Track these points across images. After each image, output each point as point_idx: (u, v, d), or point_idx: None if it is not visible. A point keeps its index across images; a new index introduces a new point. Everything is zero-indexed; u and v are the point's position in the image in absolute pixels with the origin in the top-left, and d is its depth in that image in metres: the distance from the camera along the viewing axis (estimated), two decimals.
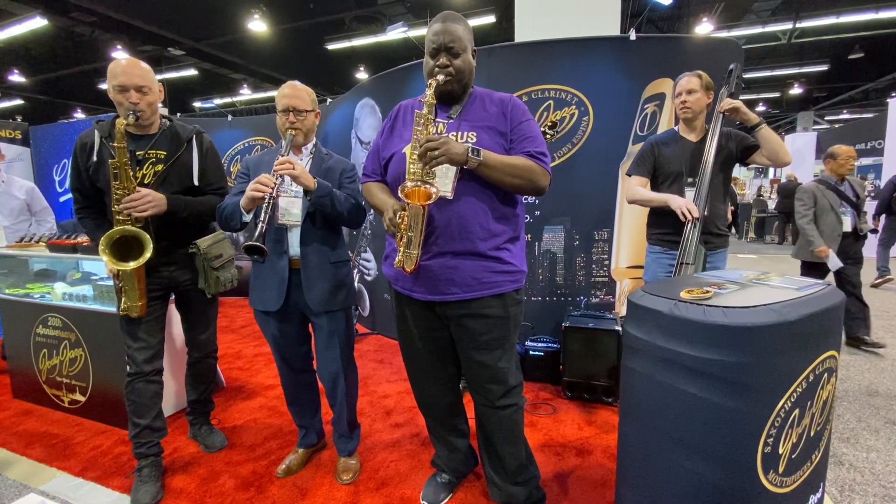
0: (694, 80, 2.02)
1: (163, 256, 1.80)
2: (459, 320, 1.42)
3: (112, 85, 1.66)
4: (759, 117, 1.91)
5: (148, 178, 1.74)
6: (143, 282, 1.72)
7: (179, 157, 1.80)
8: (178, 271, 1.88)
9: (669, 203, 1.96)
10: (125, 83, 1.65)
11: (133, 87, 1.66)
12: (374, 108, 3.69)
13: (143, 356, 1.78)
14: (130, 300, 1.71)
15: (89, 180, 1.75)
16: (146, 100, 1.69)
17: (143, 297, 1.73)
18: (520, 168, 1.33)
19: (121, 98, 1.66)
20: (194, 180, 1.83)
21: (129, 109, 1.64)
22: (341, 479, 1.83)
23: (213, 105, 16.21)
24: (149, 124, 1.76)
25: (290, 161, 1.54)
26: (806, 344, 1.07)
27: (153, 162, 1.75)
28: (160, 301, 1.86)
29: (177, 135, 1.82)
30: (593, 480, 1.83)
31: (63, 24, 8.86)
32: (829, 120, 18.46)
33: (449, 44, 1.35)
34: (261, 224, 1.45)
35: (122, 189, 1.62)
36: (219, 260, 1.91)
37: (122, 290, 1.70)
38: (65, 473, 1.94)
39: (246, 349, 3.54)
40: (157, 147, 1.77)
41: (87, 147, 1.73)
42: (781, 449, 1.07)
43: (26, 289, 2.70)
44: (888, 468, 1.93)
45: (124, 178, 1.62)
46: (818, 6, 8.60)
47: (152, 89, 1.72)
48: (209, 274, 1.89)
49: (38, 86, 12.44)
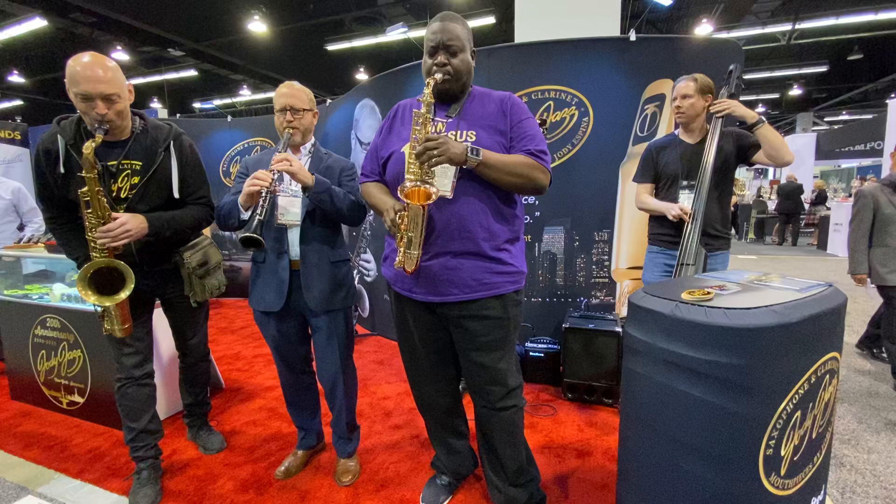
0: (690, 84, 2.01)
1: (146, 273, 1.72)
2: (459, 321, 1.41)
3: (73, 92, 1.43)
4: (758, 115, 1.90)
5: (125, 192, 1.58)
6: (126, 307, 1.60)
7: (157, 167, 1.63)
8: (162, 282, 1.81)
9: (666, 212, 2.02)
10: (89, 91, 1.42)
11: (99, 97, 1.44)
12: (374, 109, 3.69)
13: (131, 361, 1.73)
14: (113, 324, 1.61)
15: (59, 191, 1.57)
16: (115, 108, 1.48)
17: (128, 320, 1.63)
18: (520, 167, 1.32)
19: (84, 108, 1.45)
20: (174, 192, 1.68)
21: (96, 121, 1.45)
22: (341, 481, 1.83)
23: (212, 106, 16.22)
24: (120, 130, 1.57)
25: (287, 157, 1.53)
26: (808, 346, 1.07)
27: (128, 174, 1.58)
28: (145, 307, 1.78)
29: (152, 140, 1.64)
30: (594, 482, 1.82)
31: (63, 24, 8.87)
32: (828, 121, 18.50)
33: (447, 42, 1.35)
34: (258, 217, 1.43)
35: (95, 217, 1.46)
36: (203, 268, 1.85)
37: (103, 315, 1.61)
38: (63, 475, 1.93)
39: (245, 350, 3.53)
40: (131, 156, 1.59)
41: (52, 155, 1.53)
42: (783, 451, 1.06)
43: (25, 290, 2.69)
44: (889, 469, 1.93)
45: (97, 206, 1.45)
46: (818, 7, 8.62)
47: (121, 95, 1.50)
48: (195, 283, 1.84)
49: (37, 86, 12.46)
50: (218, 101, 15.86)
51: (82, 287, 1.47)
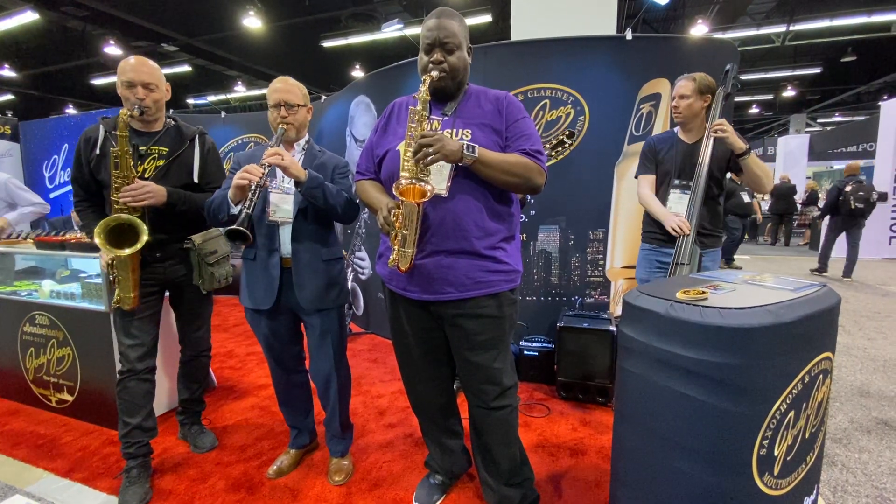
0: (688, 84, 2.00)
1: (158, 250, 1.80)
2: (454, 320, 1.40)
3: (121, 80, 1.70)
4: (747, 144, 1.90)
5: (149, 173, 1.76)
6: (136, 272, 1.71)
7: (181, 154, 1.82)
8: (173, 266, 1.87)
9: (664, 222, 2.00)
10: (133, 79, 1.69)
11: (140, 83, 1.70)
12: (370, 106, 3.67)
13: (136, 353, 1.76)
14: (123, 291, 1.70)
15: (90, 173, 1.76)
16: (152, 96, 1.73)
17: (136, 288, 1.72)
18: (516, 166, 1.31)
19: (128, 93, 1.70)
20: (194, 177, 1.84)
21: (135, 104, 1.68)
22: (333, 480, 1.81)
23: (206, 102, 16.09)
24: (153, 121, 1.79)
25: (279, 151, 1.52)
26: (802, 345, 1.07)
27: (155, 157, 1.77)
28: (155, 297, 1.84)
29: (180, 133, 1.85)
30: (587, 481, 1.82)
31: (54, 18, 8.74)
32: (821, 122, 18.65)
33: (444, 39, 1.33)
34: (245, 210, 1.43)
35: (121, 178, 1.64)
36: (213, 256, 1.91)
37: (115, 280, 1.70)
38: (51, 474, 1.91)
39: (238, 348, 3.51)
40: (159, 143, 1.79)
41: (92, 141, 1.75)
42: (777, 451, 1.06)
43: (13, 286, 2.65)
44: (880, 468, 1.94)
45: (125, 167, 1.64)
46: (812, 9, 8.67)
47: (159, 87, 1.76)
48: (204, 270, 1.89)
49: (28, 81, 12.30)
50: (212, 97, 15.73)
51: (101, 236, 1.58)
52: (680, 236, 1.92)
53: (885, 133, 7.83)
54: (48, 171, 6.13)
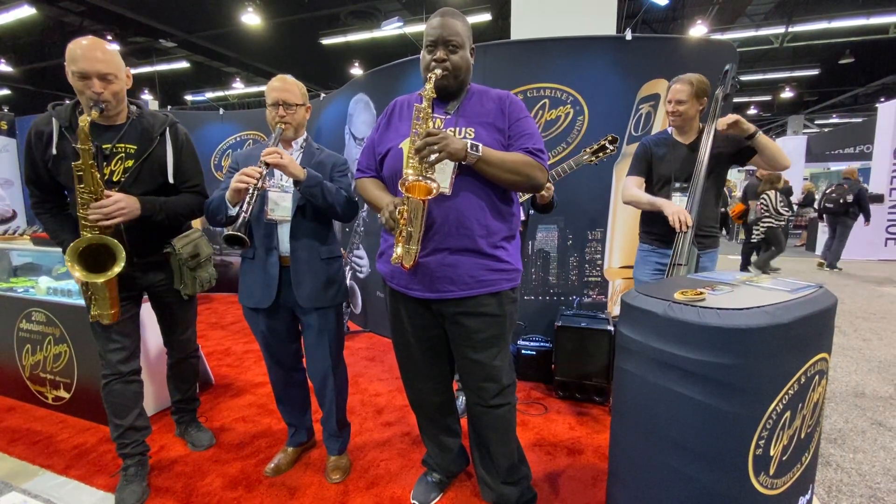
0: (685, 88, 1.97)
1: (134, 257, 1.67)
2: (455, 318, 1.40)
3: (71, 70, 1.47)
4: (753, 126, 1.89)
5: (117, 175, 1.57)
6: (115, 289, 1.59)
7: (152, 152, 1.64)
8: (152, 273, 1.77)
9: (663, 209, 1.94)
10: (86, 69, 1.45)
11: (95, 75, 1.46)
12: (369, 104, 3.66)
13: (118, 357, 1.69)
14: (101, 308, 1.58)
15: (48, 174, 1.57)
16: (111, 89, 1.50)
17: (116, 304, 1.60)
18: (518, 164, 1.32)
19: (81, 86, 1.47)
20: (169, 177, 1.69)
21: (92, 100, 1.47)
22: (331, 479, 1.82)
23: (204, 98, 16.03)
24: (116, 114, 1.58)
25: (278, 150, 1.50)
26: (798, 346, 1.07)
27: (122, 157, 1.58)
28: (133, 301, 1.75)
29: (148, 126, 1.65)
30: (584, 480, 1.83)
31: (51, 13, 8.70)
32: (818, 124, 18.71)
33: (447, 38, 1.34)
34: (243, 214, 1.40)
35: (88, 193, 1.45)
36: (195, 259, 1.82)
37: (91, 298, 1.58)
38: (48, 472, 1.90)
39: (235, 346, 3.50)
40: (125, 140, 1.60)
41: (45, 137, 1.54)
42: (773, 451, 1.07)
43: (10, 283, 2.64)
44: (875, 469, 1.95)
45: (90, 181, 1.45)
46: (811, 11, 8.69)
47: (118, 76, 1.53)
48: (185, 274, 1.81)
49: (25, 76, 12.21)
50: (210, 94, 15.67)
51: (72, 263, 1.44)
52: (679, 231, 1.90)
53: (882, 135, 7.86)
54: None
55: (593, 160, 2.13)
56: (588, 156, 2.13)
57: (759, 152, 1.89)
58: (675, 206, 1.93)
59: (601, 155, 2.12)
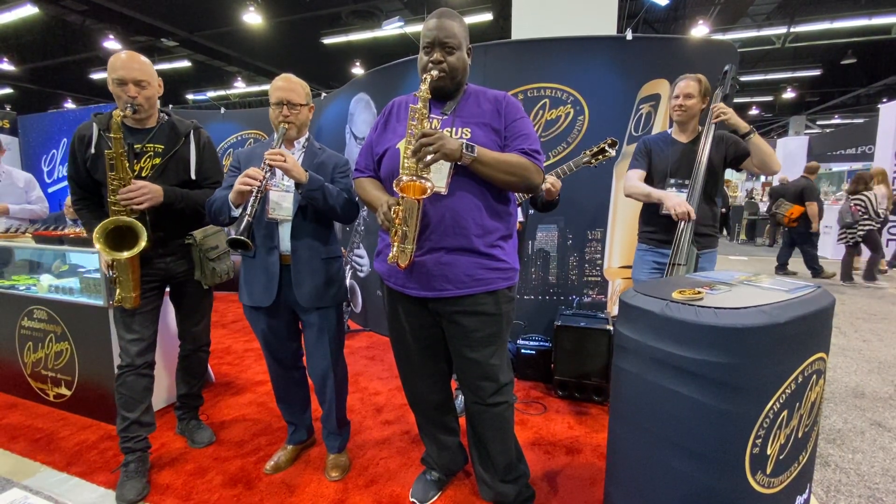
0: (694, 84, 2.01)
1: (159, 247, 1.80)
2: (452, 317, 1.41)
3: (111, 78, 1.67)
4: (750, 125, 1.92)
5: (146, 171, 1.74)
6: (137, 272, 1.71)
7: (177, 151, 1.80)
8: (174, 262, 1.87)
9: (664, 201, 1.94)
10: (124, 77, 1.65)
11: (131, 81, 1.66)
12: (369, 103, 3.67)
13: (136, 348, 1.76)
14: (124, 291, 1.70)
15: (87, 172, 1.75)
16: (144, 94, 1.70)
17: (138, 287, 1.72)
18: (514, 165, 1.32)
19: (119, 91, 1.67)
20: (191, 174, 1.84)
21: (127, 103, 1.65)
22: (330, 477, 1.82)
23: (206, 97, 16.05)
24: (147, 117, 1.76)
25: (282, 153, 1.51)
26: (796, 346, 1.08)
27: (151, 155, 1.75)
28: (155, 293, 1.85)
29: (175, 129, 1.83)
30: (582, 479, 1.83)
31: (54, 12, 8.72)
32: (820, 124, 18.67)
33: (443, 39, 1.34)
34: (247, 218, 1.44)
35: (118, 180, 1.62)
36: (215, 251, 1.92)
37: (115, 280, 1.70)
38: (49, 468, 1.91)
39: (236, 344, 3.51)
40: (154, 140, 1.77)
41: (86, 139, 1.73)
42: (770, 450, 1.08)
43: (12, 280, 2.65)
44: (873, 469, 1.96)
45: (121, 168, 1.62)
46: (812, 11, 8.68)
47: (151, 83, 1.73)
48: (205, 265, 1.91)
49: (27, 74, 12.24)
50: (211, 93, 15.69)
51: (100, 240, 1.58)
52: (678, 226, 1.90)
53: (883, 136, 7.85)
54: (47, 165, 6.13)
55: (592, 162, 2.14)
56: (587, 158, 2.14)
57: (753, 154, 1.92)
58: (676, 198, 1.92)
59: (601, 158, 2.13)
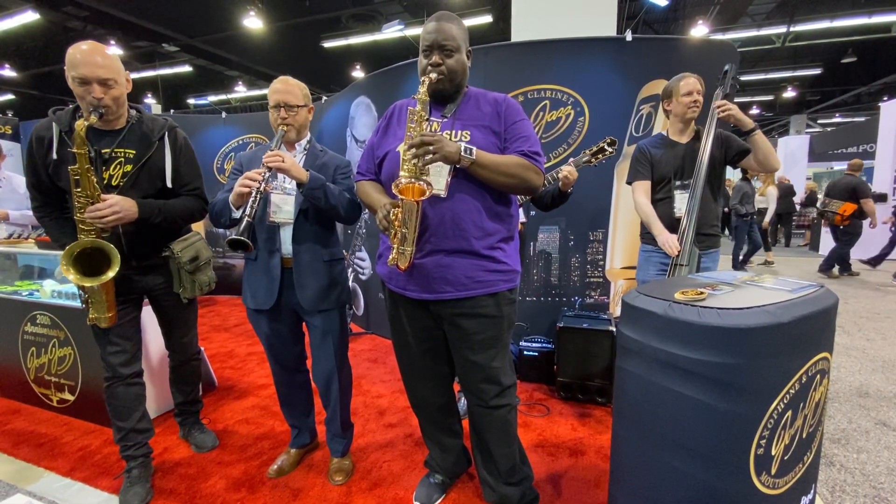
0: (699, 83, 2.04)
1: (134, 263, 1.68)
2: (453, 319, 1.41)
3: (71, 76, 1.47)
4: (754, 122, 1.92)
5: (116, 180, 1.57)
6: (111, 293, 1.58)
7: (150, 157, 1.64)
8: (151, 277, 1.77)
9: (657, 237, 2.01)
10: (86, 75, 1.45)
11: (95, 81, 1.46)
12: (370, 107, 3.68)
13: (119, 360, 1.69)
14: (98, 312, 1.57)
15: (49, 179, 1.57)
16: (111, 94, 1.50)
17: (113, 308, 1.60)
18: (513, 167, 1.32)
19: (81, 91, 1.47)
20: (167, 182, 1.69)
21: (92, 104, 1.47)
22: (334, 480, 1.82)
23: (207, 102, 16.09)
24: (115, 119, 1.58)
25: (280, 154, 1.51)
26: (799, 345, 1.07)
27: (121, 161, 1.58)
28: (132, 304, 1.75)
29: (147, 131, 1.65)
30: (586, 481, 1.83)
31: (55, 18, 8.75)
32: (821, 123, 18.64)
33: (442, 42, 1.35)
34: (246, 218, 1.42)
35: (85, 197, 1.45)
36: (194, 263, 1.81)
37: (87, 301, 1.57)
38: (52, 473, 1.91)
39: (238, 348, 3.51)
40: (125, 145, 1.60)
41: (45, 142, 1.54)
42: (774, 450, 1.07)
43: (15, 286, 2.66)
44: (878, 469, 1.95)
45: (87, 185, 1.44)
46: (812, 10, 8.67)
47: (118, 81, 1.52)
48: (184, 278, 1.81)
49: (29, 81, 12.30)
50: (212, 98, 15.73)
51: (66, 266, 1.43)
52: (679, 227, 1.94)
53: (884, 134, 7.83)
54: None
55: (593, 161, 2.14)
56: (588, 157, 2.14)
57: (754, 151, 1.93)
58: (666, 235, 1.98)
59: (600, 156, 2.13)
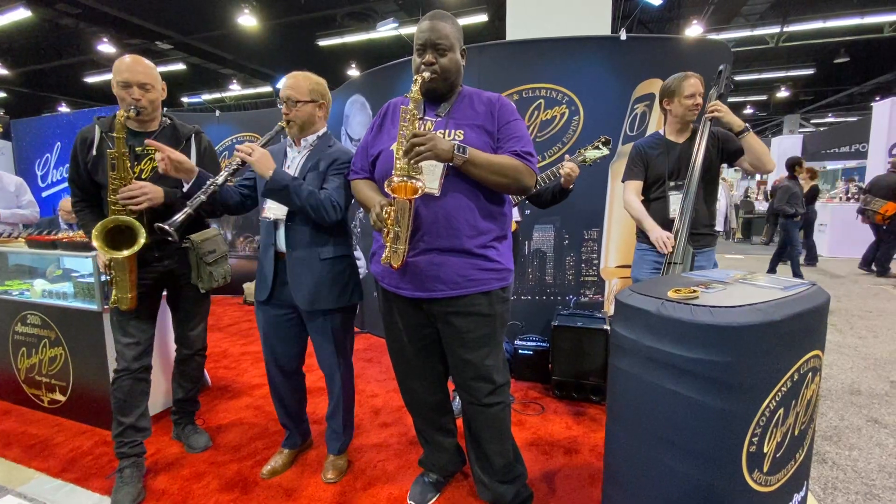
0: (701, 82, 2.01)
1: (156, 250, 1.80)
2: (446, 317, 1.41)
3: (116, 80, 1.70)
4: (745, 123, 1.92)
5: (146, 174, 1.76)
6: (134, 273, 1.71)
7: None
8: (172, 265, 1.87)
9: (649, 233, 2.00)
10: (128, 79, 1.68)
11: (136, 84, 1.69)
12: (365, 105, 3.67)
13: (132, 352, 1.76)
14: (121, 292, 1.70)
15: (87, 174, 1.76)
16: (148, 97, 1.73)
17: (134, 289, 1.72)
18: (505, 167, 1.32)
19: (123, 94, 1.69)
20: None
21: (130, 105, 1.67)
22: (326, 478, 1.81)
23: (201, 100, 16.01)
24: (149, 121, 1.79)
25: (251, 146, 1.55)
26: (791, 343, 1.08)
27: (151, 158, 1.76)
28: (153, 297, 1.86)
29: (176, 133, 1.85)
30: (581, 479, 1.83)
31: (47, 15, 8.67)
32: (814, 123, 18.79)
33: (435, 41, 1.34)
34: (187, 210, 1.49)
35: (118, 180, 1.64)
36: (212, 255, 1.91)
37: (112, 281, 1.70)
38: (43, 475, 1.90)
39: (232, 348, 3.50)
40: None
41: (88, 141, 1.75)
42: (766, 448, 1.07)
43: (5, 286, 2.63)
44: (870, 466, 1.96)
45: (121, 168, 1.63)
46: (805, 10, 8.73)
47: (155, 87, 1.75)
48: (202, 269, 1.90)
49: (21, 78, 12.19)
50: (206, 96, 15.65)
51: (98, 239, 1.59)
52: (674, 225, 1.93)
53: (876, 134, 7.90)
54: (40, 169, 6.08)
55: (588, 161, 2.14)
56: (582, 157, 2.14)
57: (747, 151, 1.93)
58: (659, 231, 1.97)
59: (596, 156, 2.13)
